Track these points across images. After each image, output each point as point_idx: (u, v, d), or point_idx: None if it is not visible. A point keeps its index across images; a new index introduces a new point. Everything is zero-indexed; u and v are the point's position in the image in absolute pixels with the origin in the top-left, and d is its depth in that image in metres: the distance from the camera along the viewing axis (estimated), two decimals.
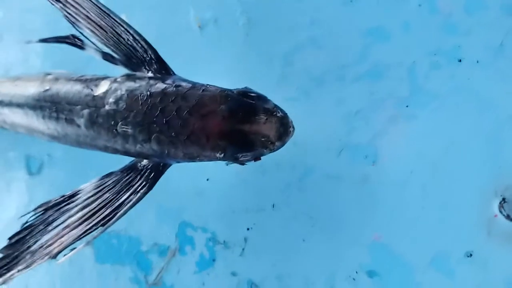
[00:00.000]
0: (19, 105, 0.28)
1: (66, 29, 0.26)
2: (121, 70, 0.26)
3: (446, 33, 0.23)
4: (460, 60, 0.23)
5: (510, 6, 0.23)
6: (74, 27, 0.26)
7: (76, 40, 0.26)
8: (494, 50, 0.23)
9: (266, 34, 0.27)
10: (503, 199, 0.22)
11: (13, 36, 0.37)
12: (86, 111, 0.25)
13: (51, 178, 0.35)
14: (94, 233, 0.26)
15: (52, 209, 0.26)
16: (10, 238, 0.26)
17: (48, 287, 0.34)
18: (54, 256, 0.25)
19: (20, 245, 0.26)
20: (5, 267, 0.26)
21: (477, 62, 0.23)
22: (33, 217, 0.26)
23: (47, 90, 0.27)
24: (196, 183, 0.29)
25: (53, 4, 0.26)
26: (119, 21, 0.25)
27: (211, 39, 0.28)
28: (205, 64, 0.27)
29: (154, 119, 0.23)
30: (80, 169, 0.34)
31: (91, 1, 0.26)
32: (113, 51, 0.26)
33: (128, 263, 0.32)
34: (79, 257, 0.32)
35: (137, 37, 0.25)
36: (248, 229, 0.28)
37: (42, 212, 0.26)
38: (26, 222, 0.26)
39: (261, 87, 0.24)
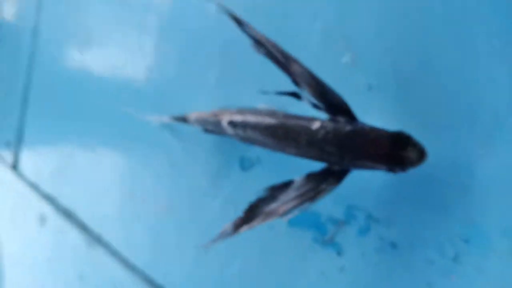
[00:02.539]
0: (260, 128, 0.41)
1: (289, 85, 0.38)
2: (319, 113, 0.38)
3: None
4: None
5: None
6: (298, 87, 0.38)
7: (297, 95, 0.39)
8: None
9: (410, 98, 0.40)
10: None
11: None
12: (306, 137, 0.38)
13: (258, 175, 0.48)
14: (306, 205, 0.37)
15: (276, 189, 0.38)
16: (249, 206, 0.38)
17: (251, 241, 0.48)
18: (282, 216, 0.36)
19: (254, 209, 0.38)
20: (243, 221, 0.37)
21: None
22: (263, 193, 0.38)
23: (280, 122, 0.40)
24: (359, 182, 0.41)
25: (285, 74, 0.38)
26: (328, 87, 0.37)
27: (374, 99, 0.41)
28: (371, 114, 0.40)
29: (349, 145, 0.36)
30: (280, 169, 0.46)
31: (312, 75, 0.37)
32: (319, 102, 0.38)
33: (311, 228, 0.44)
34: (275, 223, 0.44)
35: (338, 97, 0.37)
36: (392, 210, 0.41)
37: (270, 191, 0.39)
38: (259, 196, 0.38)
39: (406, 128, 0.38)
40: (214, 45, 0.53)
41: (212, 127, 0.48)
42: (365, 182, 0.42)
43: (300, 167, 0.40)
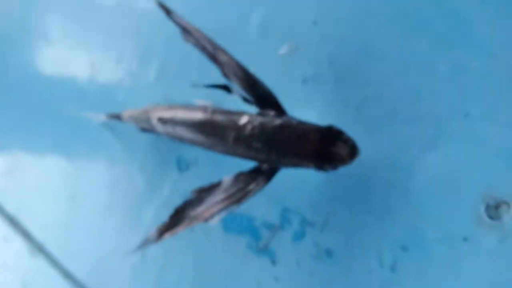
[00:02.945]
0: (188, 124, 0.39)
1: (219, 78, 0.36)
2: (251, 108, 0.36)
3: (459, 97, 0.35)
4: (466, 115, 0.33)
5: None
6: (228, 79, 0.36)
7: (228, 88, 0.36)
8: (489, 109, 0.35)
9: (346, 90, 0.38)
10: (487, 205, 0.33)
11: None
12: (233, 133, 0.36)
13: (196, 175, 0.45)
14: (232, 208, 0.34)
15: (203, 192, 0.36)
16: (174, 210, 0.36)
17: (187, 248, 0.44)
18: (206, 220, 0.34)
19: (180, 214, 0.36)
20: (168, 227, 0.35)
21: (478, 116, 0.35)
22: (191, 196, 0.36)
23: (208, 118, 0.38)
24: (293, 181, 0.39)
25: (213, 64, 0.36)
26: (257, 79, 0.35)
27: (310, 91, 0.39)
28: (306, 107, 0.38)
29: (276, 141, 0.34)
30: (216, 169, 0.43)
31: (241, 67, 0.35)
32: (249, 96, 0.36)
33: (246, 233, 0.42)
34: (211, 228, 0.42)
35: (267, 90, 0.35)
36: (327, 214, 0.38)
37: (197, 193, 0.36)
38: (186, 199, 0.36)
39: (340, 124, 0.34)
40: (157, 40, 0.50)
41: (144, 125, 0.45)
42: (299, 182, 0.40)
43: (238, 167, 0.37)
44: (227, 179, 0.37)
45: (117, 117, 0.48)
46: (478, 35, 0.34)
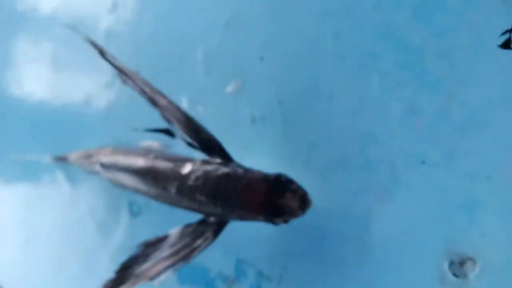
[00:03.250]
0: (130, 172, 0.37)
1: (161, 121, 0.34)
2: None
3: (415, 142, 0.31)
4: (423, 162, 0.30)
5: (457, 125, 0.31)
6: (169, 124, 0.33)
7: (170, 132, 0.34)
8: (448, 155, 0.31)
9: (296, 131, 0.35)
10: (451, 261, 0.30)
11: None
12: (175, 183, 0.33)
13: (148, 219, 0.43)
14: (179, 265, 0.32)
15: (150, 246, 0.34)
16: (121, 265, 0.34)
17: None
18: (151, 279, 0.32)
19: (127, 269, 0.34)
20: (114, 284, 0.33)
21: (437, 164, 0.31)
22: (137, 251, 0.34)
23: (150, 165, 0.35)
24: (248, 232, 0.36)
25: (154, 108, 0.34)
26: (199, 124, 0.33)
27: (259, 131, 0.36)
28: (255, 149, 0.36)
29: (220, 192, 0.31)
30: (169, 214, 0.38)
31: (180, 111, 0.33)
32: (193, 141, 0.33)
33: (201, 285, 0.39)
34: (165, 281, 0.37)
35: (210, 136, 0.33)
36: (283, 267, 0.35)
37: (143, 247, 0.34)
38: (132, 254, 0.34)
39: (291, 169, 0.32)
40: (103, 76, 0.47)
41: (88, 169, 0.42)
42: (254, 232, 0.37)
43: (191, 213, 0.35)
44: (173, 232, 0.34)
45: (63, 159, 0.46)
46: (434, 72, 0.31)
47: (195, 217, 0.34)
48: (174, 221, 0.36)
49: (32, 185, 0.53)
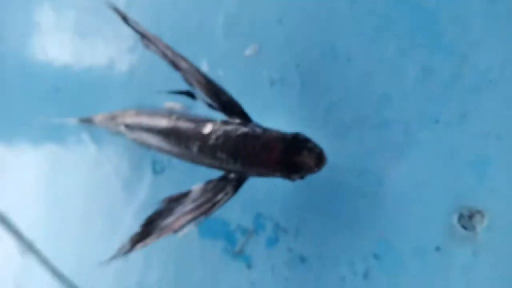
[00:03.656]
0: (154, 132, 0.38)
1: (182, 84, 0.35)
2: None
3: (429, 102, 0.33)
4: (437, 121, 0.32)
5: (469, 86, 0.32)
6: (190, 86, 0.34)
7: (191, 94, 0.35)
8: (460, 115, 0.33)
9: (313, 93, 0.36)
10: (460, 214, 0.32)
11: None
12: (197, 143, 0.35)
13: (170, 177, 0.44)
14: (200, 218, 0.34)
15: (173, 201, 0.35)
16: (146, 219, 0.35)
17: (165, 252, 0.45)
18: (175, 231, 0.34)
19: (152, 223, 0.35)
20: (141, 237, 0.35)
21: (449, 123, 0.32)
22: (161, 205, 0.35)
23: (173, 125, 0.36)
24: (266, 187, 0.38)
25: (176, 72, 0.35)
26: (219, 86, 0.34)
27: (277, 94, 0.37)
28: (273, 111, 0.37)
29: (240, 151, 0.32)
30: (191, 171, 0.41)
31: (201, 74, 0.34)
32: (214, 102, 0.34)
33: (221, 238, 0.41)
34: (188, 234, 0.38)
35: (229, 97, 0.34)
36: (300, 221, 0.37)
37: (167, 202, 0.35)
38: (156, 209, 0.35)
39: (308, 129, 0.33)
40: (126, 40, 0.48)
41: (113, 130, 0.44)
42: (272, 188, 0.38)
43: (212, 170, 0.36)
44: (196, 188, 0.36)
45: (88, 121, 0.47)
46: (448, 35, 0.32)
47: (216, 174, 0.36)
48: (195, 178, 0.38)
49: (58, 147, 0.54)
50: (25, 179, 0.60)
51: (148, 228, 0.35)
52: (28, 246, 0.61)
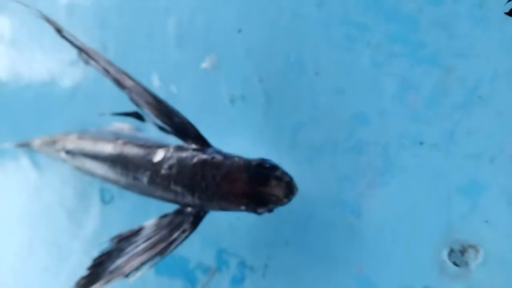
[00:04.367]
0: (98, 160, 0.35)
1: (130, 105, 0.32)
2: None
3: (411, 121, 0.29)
4: (421, 143, 0.29)
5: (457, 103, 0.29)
6: (138, 107, 0.31)
7: (139, 116, 0.32)
8: (448, 135, 0.29)
9: (280, 111, 0.32)
10: (451, 249, 0.29)
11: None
12: (147, 173, 0.31)
13: (120, 207, 0.41)
14: (155, 260, 0.31)
15: (123, 240, 0.32)
16: (93, 261, 0.32)
17: None
18: (126, 275, 0.31)
19: (100, 265, 0.32)
20: (88, 282, 0.31)
21: (435, 145, 0.29)
22: (110, 245, 0.32)
23: (119, 153, 0.33)
24: (229, 220, 0.34)
25: (121, 90, 0.31)
26: (170, 107, 0.31)
27: (238, 112, 0.34)
28: (234, 132, 0.33)
29: (197, 182, 0.29)
30: (143, 201, 0.37)
31: (149, 93, 0.31)
32: (165, 125, 0.31)
33: (179, 277, 0.37)
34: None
35: (183, 119, 0.31)
36: (268, 257, 0.33)
37: (117, 241, 0.32)
38: (105, 249, 0.32)
39: (275, 153, 0.31)
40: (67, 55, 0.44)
41: (53, 156, 0.40)
42: (235, 220, 0.35)
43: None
44: (149, 224, 0.32)
45: (26, 145, 0.43)
46: (430, 44, 0.28)
47: (171, 206, 0.32)
48: (148, 209, 0.36)
49: (2, 175, 0.49)
50: None
51: (96, 271, 0.32)
52: None
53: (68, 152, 0.37)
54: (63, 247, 0.45)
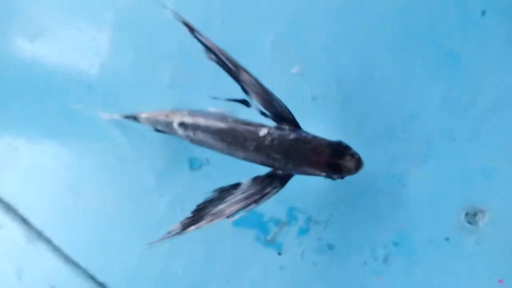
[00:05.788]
0: (210, 131, 0.41)
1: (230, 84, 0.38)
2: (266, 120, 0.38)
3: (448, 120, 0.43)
4: (453, 139, 0.43)
5: None
6: (247, 95, 0.38)
7: (246, 102, 0.39)
8: (477, 131, 0.43)
9: (351, 108, 0.43)
10: (466, 212, 0.40)
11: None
12: (254, 143, 0.39)
13: (207, 175, 0.48)
14: (251, 207, 0.37)
15: (224, 191, 0.39)
16: (197, 206, 0.38)
17: (192, 240, 0.47)
18: (228, 217, 0.37)
19: (202, 210, 0.38)
20: (191, 222, 0.38)
21: (464, 139, 0.43)
22: (212, 194, 0.39)
23: (231, 127, 0.40)
24: (301, 184, 0.43)
25: (236, 82, 0.38)
26: (275, 97, 0.38)
27: (319, 108, 0.45)
28: (315, 123, 0.41)
29: (292, 152, 0.37)
30: (228, 172, 0.43)
31: (261, 85, 0.38)
32: (267, 110, 0.38)
33: (254, 227, 0.46)
34: (223, 224, 0.42)
35: (283, 106, 0.38)
36: (330, 214, 0.44)
37: (219, 192, 0.39)
38: (208, 197, 0.39)
39: (345, 138, 0.38)
40: (170, 46, 0.52)
41: (162, 127, 0.47)
42: (306, 186, 0.44)
43: (246, 170, 0.40)
44: (245, 181, 0.40)
45: (133, 117, 0.50)
46: (466, 70, 0.41)
47: (250, 174, 0.40)
48: (232, 177, 0.41)
49: (88, 141, 0.55)
50: (43, 168, 0.59)
51: (199, 214, 0.39)
52: (35, 233, 0.61)
53: (181, 124, 0.44)
54: (147, 206, 0.51)
